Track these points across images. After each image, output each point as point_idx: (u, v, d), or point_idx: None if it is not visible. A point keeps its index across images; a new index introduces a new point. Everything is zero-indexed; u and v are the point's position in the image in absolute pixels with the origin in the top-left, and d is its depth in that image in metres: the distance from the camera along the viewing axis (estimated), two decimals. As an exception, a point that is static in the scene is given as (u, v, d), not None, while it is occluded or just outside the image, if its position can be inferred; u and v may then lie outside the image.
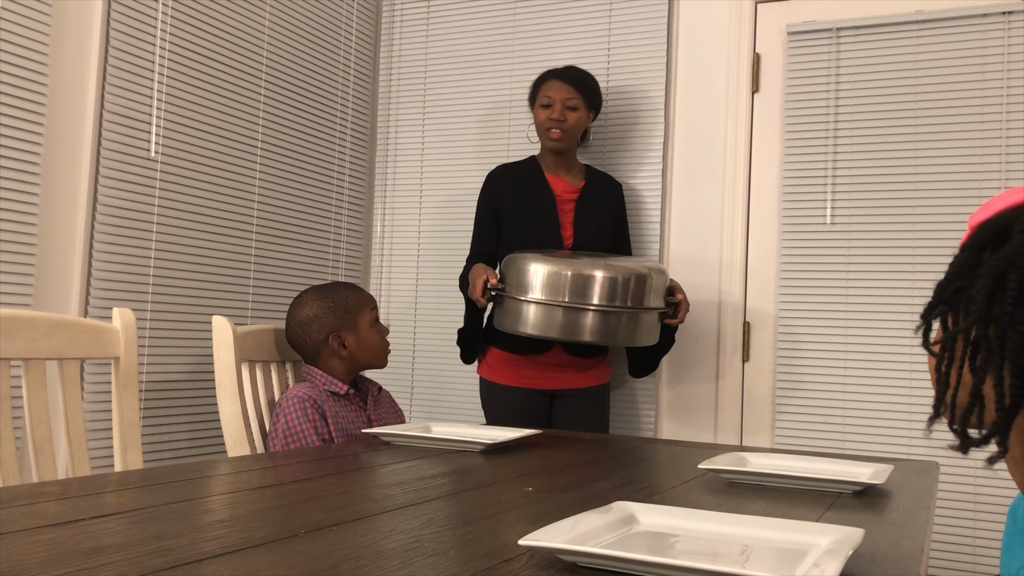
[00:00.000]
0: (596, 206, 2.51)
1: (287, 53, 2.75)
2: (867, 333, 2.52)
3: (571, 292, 2.14)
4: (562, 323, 2.16)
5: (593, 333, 2.16)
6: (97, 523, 0.90)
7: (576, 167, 2.56)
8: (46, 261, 2.05)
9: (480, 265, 2.30)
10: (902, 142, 2.51)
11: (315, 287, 2.05)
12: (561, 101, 2.44)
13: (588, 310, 2.15)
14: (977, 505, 2.38)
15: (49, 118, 2.05)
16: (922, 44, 2.51)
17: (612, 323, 2.17)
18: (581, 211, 2.49)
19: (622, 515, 0.96)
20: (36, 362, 1.49)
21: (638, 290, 2.19)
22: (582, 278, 2.14)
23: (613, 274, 2.15)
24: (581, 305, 2.14)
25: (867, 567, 0.87)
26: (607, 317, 2.16)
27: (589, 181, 2.54)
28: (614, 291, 2.15)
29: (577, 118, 2.46)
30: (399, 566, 0.78)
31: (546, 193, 2.48)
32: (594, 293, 2.15)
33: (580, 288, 2.14)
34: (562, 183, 2.51)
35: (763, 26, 2.71)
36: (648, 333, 2.27)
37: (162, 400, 2.32)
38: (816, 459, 1.51)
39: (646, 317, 2.24)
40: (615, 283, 2.15)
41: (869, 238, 2.53)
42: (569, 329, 2.16)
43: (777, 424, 2.60)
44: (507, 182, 2.52)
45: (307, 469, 1.31)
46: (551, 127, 2.45)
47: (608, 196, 2.55)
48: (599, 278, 2.15)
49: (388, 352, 2.08)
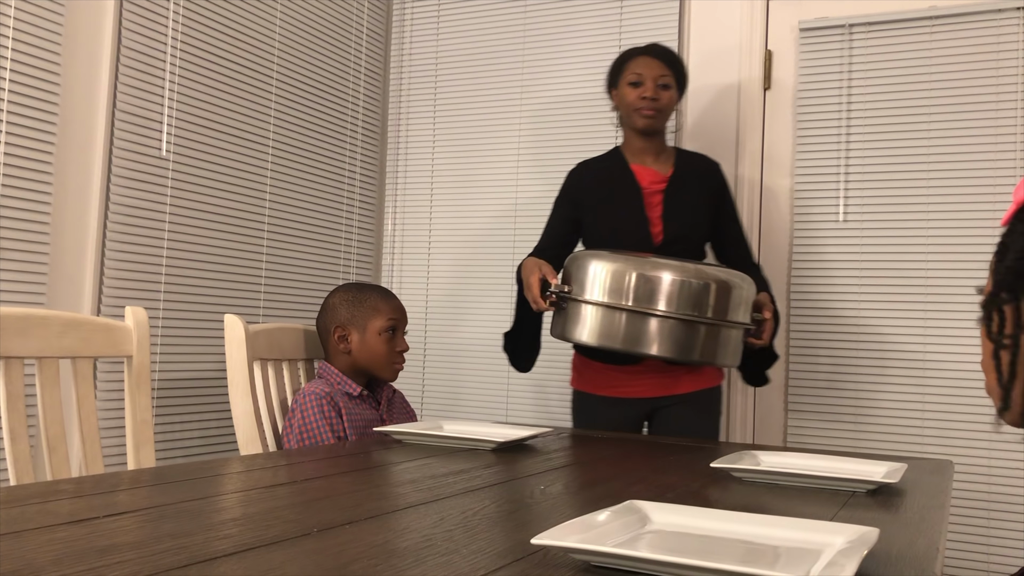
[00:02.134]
0: (687, 195, 2.22)
1: (298, 52, 2.75)
2: (880, 331, 2.50)
3: (635, 296, 1.86)
4: (625, 331, 1.87)
5: (662, 344, 1.86)
6: (110, 521, 0.90)
7: (665, 152, 2.28)
8: (59, 260, 2.06)
9: (532, 259, 2.06)
10: (916, 139, 2.50)
11: (356, 283, 2.08)
12: (653, 79, 2.19)
13: (655, 316, 1.85)
14: (991, 504, 2.36)
15: (61, 118, 2.06)
16: (936, 40, 2.49)
17: (684, 334, 1.87)
18: (670, 203, 2.20)
19: (635, 514, 0.95)
20: (49, 361, 1.50)
21: (721, 299, 1.89)
22: (649, 280, 1.85)
23: (687, 277, 1.86)
24: (647, 310, 1.85)
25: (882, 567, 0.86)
26: (679, 327, 1.86)
27: (679, 166, 2.25)
28: (690, 297, 1.86)
29: (670, 97, 2.21)
30: (411, 565, 0.78)
31: (631, 187, 2.22)
32: (662, 297, 1.86)
33: (647, 291, 1.86)
34: (649, 173, 2.24)
35: (775, 23, 2.70)
36: (730, 351, 1.95)
37: (174, 398, 2.33)
38: (829, 458, 1.50)
39: (728, 332, 1.93)
40: (689, 288, 1.85)
41: (883, 236, 2.52)
42: (633, 338, 1.86)
43: (790, 423, 2.59)
44: (589, 179, 2.28)
45: (319, 467, 1.31)
46: (643, 106, 2.18)
47: (702, 180, 2.26)
48: (668, 280, 1.85)
49: (396, 367, 2.02)
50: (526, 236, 2.94)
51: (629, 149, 2.28)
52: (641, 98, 2.19)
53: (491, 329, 2.97)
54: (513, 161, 2.99)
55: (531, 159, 2.96)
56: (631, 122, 2.23)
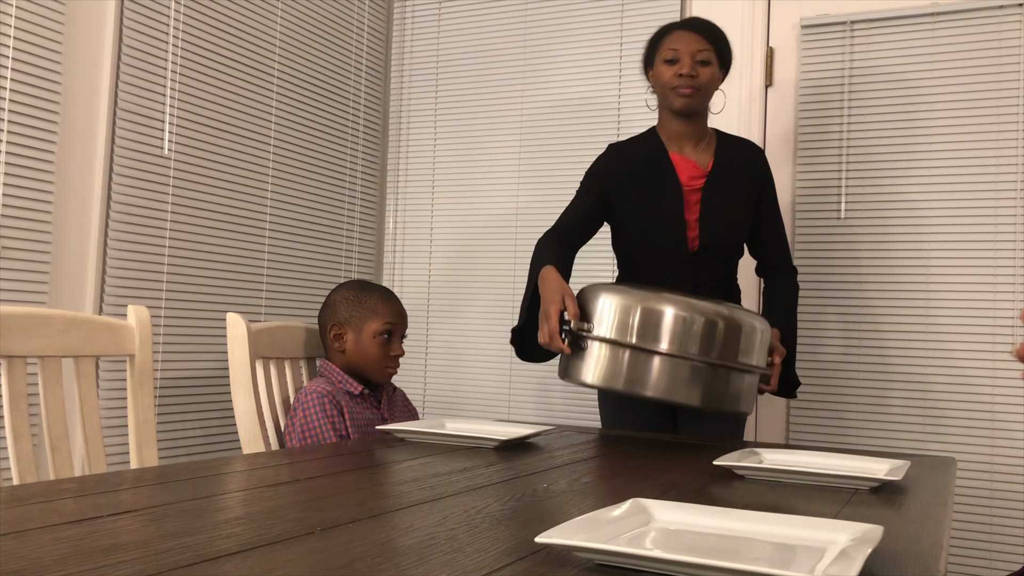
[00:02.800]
0: (726, 193, 2.06)
1: (299, 51, 2.75)
2: (881, 328, 2.50)
3: (639, 333, 1.66)
4: (627, 372, 1.68)
5: (660, 386, 1.66)
6: (114, 520, 0.90)
7: (706, 137, 2.11)
8: (61, 259, 2.06)
9: (555, 278, 1.82)
10: (917, 136, 2.49)
11: (360, 281, 2.07)
12: (691, 54, 2.00)
13: (656, 355, 1.65)
14: (994, 501, 2.36)
15: (63, 117, 2.06)
16: (937, 37, 2.49)
17: (685, 376, 1.66)
18: (708, 204, 2.04)
19: (638, 512, 0.95)
20: (52, 360, 1.50)
21: (730, 340, 1.67)
22: (653, 314, 1.65)
23: (693, 313, 1.65)
24: (649, 348, 1.65)
25: (887, 564, 0.86)
26: (681, 368, 1.66)
27: (720, 156, 2.08)
28: (695, 335, 1.64)
29: (711, 74, 2.03)
30: (415, 563, 0.78)
31: (671, 183, 2.05)
32: (664, 335, 1.65)
33: (651, 327, 1.65)
34: (688, 165, 2.07)
35: (776, 20, 2.70)
36: (740, 398, 1.75)
37: (177, 397, 2.33)
38: (832, 455, 1.50)
39: (739, 379, 1.72)
40: (693, 324, 1.64)
41: (883, 233, 2.52)
42: (634, 380, 1.67)
43: (792, 420, 2.59)
44: (625, 165, 2.10)
45: (322, 466, 1.31)
46: (679, 84, 2.00)
47: (743, 173, 2.08)
48: (672, 316, 1.64)
49: (389, 371, 2.01)
50: (527, 233, 2.94)
51: (666, 133, 2.10)
52: (678, 75, 2.01)
53: (493, 326, 2.97)
54: (514, 159, 2.99)
55: (532, 157, 2.96)
56: (668, 103, 2.06)
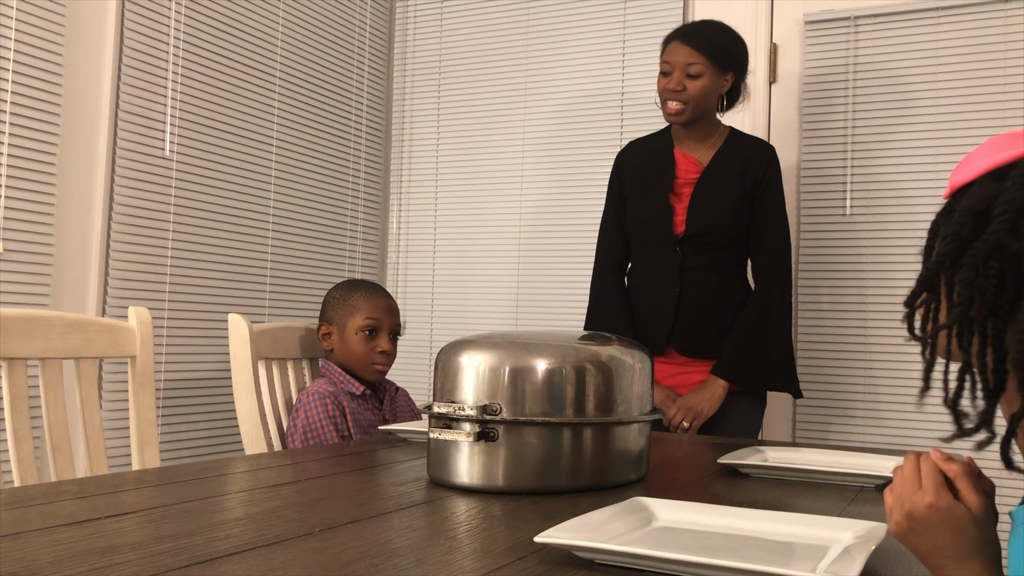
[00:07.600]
0: (720, 186, 2.08)
1: (301, 51, 2.75)
2: (887, 325, 2.49)
3: (509, 401, 1.14)
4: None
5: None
6: (112, 522, 0.89)
7: (712, 136, 2.13)
8: (63, 261, 2.06)
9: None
10: (922, 132, 2.48)
11: (351, 280, 2.07)
12: (681, 68, 2.03)
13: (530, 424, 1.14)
14: (999, 499, 2.34)
15: (64, 118, 2.06)
16: (942, 32, 2.47)
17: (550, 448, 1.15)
18: (698, 195, 2.07)
19: (640, 511, 0.94)
20: (53, 361, 1.50)
21: (603, 391, 1.17)
22: (522, 373, 1.14)
23: (559, 364, 1.15)
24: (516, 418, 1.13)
25: (891, 562, 0.85)
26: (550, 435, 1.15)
27: (723, 153, 2.10)
28: (560, 394, 1.15)
29: (700, 87, 2.03)
30: (414, 564, 0.77)
31: (666, 175, 2.10)
32: (528, 399, 1.14)
33: (517, 393, 1.14)
34: (688, 161, 2.11)
35: (780, 16, 2.69)
36: (629, 462, 1.22)
37: (179, 398, 2.33)
38: (836, 453, 1.49)
39: (619, 432, 1.20)
40: (558, 378, 1.15)
41: (888, 229, 2.50)
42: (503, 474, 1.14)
43: (797, 418, 2.57)
44: (631, 163, 2.17)
45: (323, 467, 1.31)
46: (667, 99, 2.05)
47: (742, 169, 2.08)
48: (543, 371, 1.14)
49: (376, 368, 1.96)
50: (530, 232, 2.93)
51: (675, 130, 2.17)
52: (666, 89, 2.06)
53: (496, 326, 2.97)
54: (518, 158, 2.99)
55: (536, 156, 2.95)
56: (662, 112, 2.11)
